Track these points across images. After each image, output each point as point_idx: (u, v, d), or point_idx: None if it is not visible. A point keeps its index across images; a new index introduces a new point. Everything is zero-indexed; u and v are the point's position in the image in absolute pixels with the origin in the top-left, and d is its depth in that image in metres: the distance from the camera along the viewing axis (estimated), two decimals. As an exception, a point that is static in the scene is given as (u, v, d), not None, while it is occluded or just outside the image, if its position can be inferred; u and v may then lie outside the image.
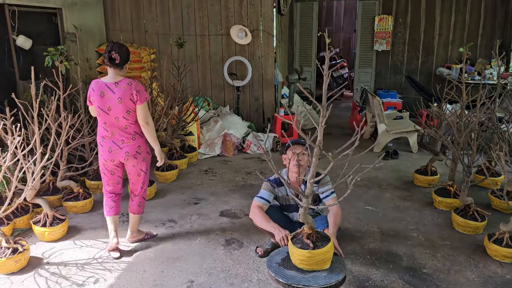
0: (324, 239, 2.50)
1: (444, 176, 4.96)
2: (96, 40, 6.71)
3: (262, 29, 6.71)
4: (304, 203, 2.46)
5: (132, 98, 3.06)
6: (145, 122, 3.13)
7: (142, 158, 3.27)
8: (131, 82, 3.09)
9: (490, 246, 3.22)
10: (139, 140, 3.22)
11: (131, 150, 3.18)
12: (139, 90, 3.08)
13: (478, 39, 8.67)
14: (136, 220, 3.44)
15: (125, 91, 3.05)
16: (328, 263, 2.47)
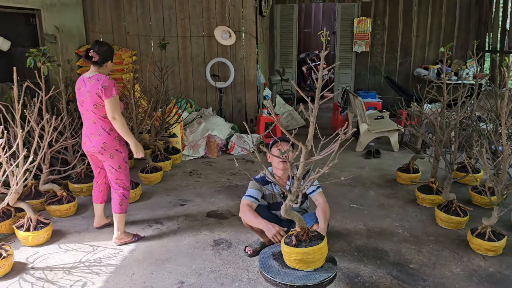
0: (317, 239, 2.50)
1: (425, 174, 5.07)
2: (76, 42, 6.60)
3: (244, 30, 6.73)
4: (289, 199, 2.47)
5: (98, 93, 3.14)
6: (112, 117, 3.17)
7: (109, 155, 3.29)
8: (100, 77, 3.18)
9: (473, 240, 3.31)
10: (105, 137, 3.26)
11: (96, 145, 3.28)
12: (105, 85, 3.13)
13: (454, 41, 8.92)
14: (119, 220, 3.42)
15: (93, 85, 3.16)
16: (321, 262, 2.46)
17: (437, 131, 3.73)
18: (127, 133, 3.24)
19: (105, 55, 3.22)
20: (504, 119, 3.12)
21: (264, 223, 2.82)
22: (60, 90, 4.31)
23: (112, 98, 3.15)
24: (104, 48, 3.23)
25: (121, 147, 3.34)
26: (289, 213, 2.50)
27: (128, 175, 3.47)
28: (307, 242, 2.47)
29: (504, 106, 3.13)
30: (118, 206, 3.40)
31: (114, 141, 3.29)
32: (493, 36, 8.13)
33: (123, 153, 3.35)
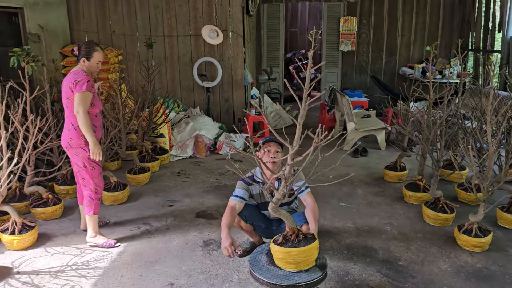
0: (308, 240, 2.48)
1: (412, 171, 5.12)
2: (60, 41, 6.49)
3: (231, 30, 6.71)
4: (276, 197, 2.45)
5: (71, 86, 3.15)
6: (76, 111, 3.14)
7: (74, 152, 3.27)
8: (78, 72, 3.20)
9: (460, 237, 3.36)
10: (73, 133, 3.23)
11: (64, 140, 3.29)
12: (77, 80, 3.13)
13: (438, 40, 9.02)
14: (88, 221, 3.39)
15: (67, 79, 3.20)
16: (305, 265, 2.42)
17: (424, 130, 3.76)
18: (87, 130, 3.17)
19: (81, 50, 3.26)
20: (489, 117, 3.17)
21: (222, 234, 2.74)
22: (44, 90, 4.23)
23: (81, 93, 3.12)
24: (83, 44, 3.30)
25: (87, 146, 3.26)
26: (277, 211, 2.49)
27: (96, 176, 3.36)
28: (294, 242, 2.44)
29: (489, 104, 3.17)
30: (86, 207, 3.38)
31: (81, 138, 3.23)
32: (475, 36, 8.26)
33: (88, 152, 3.26)
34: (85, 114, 3.13)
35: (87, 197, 3.36)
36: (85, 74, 3.20)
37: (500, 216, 3.78)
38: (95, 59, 3.27)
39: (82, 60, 3.25)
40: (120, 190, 4.22)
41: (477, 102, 4.48)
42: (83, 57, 3.25)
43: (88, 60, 3.25)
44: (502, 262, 3.16)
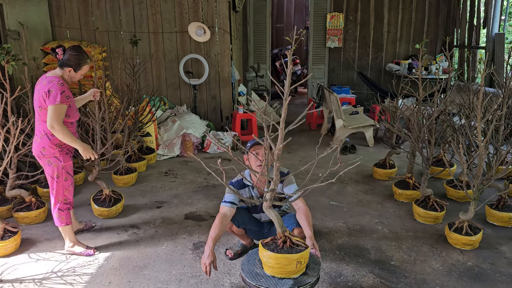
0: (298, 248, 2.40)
1: (401, 168, 5.13)
2: (41, 38, 6.30)
3: (217, 26, 6.61)
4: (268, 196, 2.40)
5: (44, 96, 2.92)
6: (50, 127, 2.92)
7: (47, 162, 3.07)
8: (51, 80, 2.95)
9: (451, 235, 3.36)
10: (45, 142, 3.03)
11: (36, 149, 3.08)
12: (51, 90, 2.90)
13: (424, 36, 9.08)
14: (62, 232, 3.23)
15: (41, 87, 2.96)
16: (288, 274, 2.33)
17: (414, 128, 3.75)
18: (70, 140, 2.99)
19: (70, 59, 2.99)
20: (479, 116, 3.16)
21: (206, 247, 2.65)
22: (26, 90, 4.09)
23: (55, 106, 2.88)
24: (73, 52, 3.01)
25: (61, 156, 3.07)
26: (270, 211, 2.43)
27: (67, 187, 3.16)
28: (278, 248, 2.37)
29: (479, 102, 3.16)
30: (56, 219, 3.18)
31: (55, 148, 3.04)
32: (460, 32, 8.32)
33: (63, 162, 3.08)
34: (61, 126, 2.92)
35: (56, 210, 3.15)
36: (61, 83, 2.95)
37: (489, 213, 3.80)
38: (82, 72, 3.08)
39: (67, 70, 3.01)
40: (113, 206, 3.85)
41: (465, 99, 4.49)
42: (70, 68, 3.00)
43: (75, 71, 3.04)
44: (493, 260, 3.17)
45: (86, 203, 4.20)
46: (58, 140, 3.01)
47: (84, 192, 4.52)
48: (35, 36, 6.10)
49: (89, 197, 3.99)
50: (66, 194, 3.17)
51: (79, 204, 4.18)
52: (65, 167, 3.11)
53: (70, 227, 3.24)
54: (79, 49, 3.07)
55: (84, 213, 3.98)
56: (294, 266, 2.31)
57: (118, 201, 3.92)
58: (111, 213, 3.85)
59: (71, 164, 3.17)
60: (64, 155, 3.10)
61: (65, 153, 3.11)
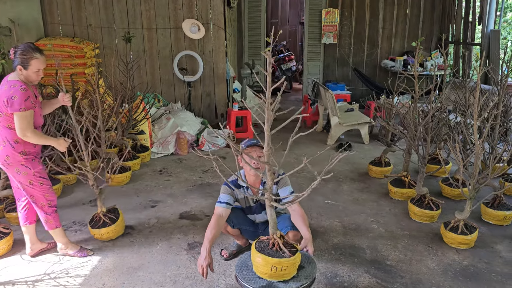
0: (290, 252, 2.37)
1: (396, 166, 5.13)
2: (33, 35, 6.22)
3: (212, 22, 6.55)
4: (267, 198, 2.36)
5: (5, 102, 2.73)
6: (22, 135, 2.78)
7: (15, 171, 2.88)
8: (13, 85, 2.75)
9: (446, 234, 3.35)
10: (8, 150, 2.84)
11: (0, 157, 2.88)
12: (14, 96, 2.71)
13: (419, 32, 9.05)
14: (54, 236, 3.18)
15: (2, 92, 2.76)
16: (291, 274, 2.33)
17: (411, 126, 3.73)
18: (45, 140, 2.91)
19: (17, 56, 2.78)
20: (476, 114, 3.14)
21: (203, 249, 2.62)
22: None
23: (21, 113, 2.73)
24: (20, 49, 2.79)
25: (28, 163, 2.90)
26: (271, 210, 2.39)
27: (47, 190, 3.02)
28: (267, 248, 2.34)
29: (476, 101, 3.15)
30: (46, 224, 3.11)
31: (20, 155, 2.86)
32: (456, 28, 8.31)
33: (32, 169, 2.91)
34: (33, 133, 2.80)
35: (43, 215, 3.05)
36: (24, 89, 2.75)
37: (484, 211, 3.80)
38: (33, 68, 2.79)
39: (18, 69, 2.78)
40: (108, 226, 3.38)
41: (461, 96, 4.48)
42: (19, 65, 2.78)
43: (25, 69, 2.78)
44: (488, 259, 3.17)
45: (80, 203, 4.16)
46: (22, 147, 2.86)
47: (77, 191, 4.47)
48: (26, 32, 6.02)
49: (82, 197, 3.96)
50: (48, 198, 3.04)
51: (72, 204, 4.14)
52: (36, 173, 2.95)
53: (60, 230, 3.16)
54: (27, 44, 2.83)
55: (77, 213, 3.94)
56: (268, 269, 2.28)
57: (114, 221, 3.42)
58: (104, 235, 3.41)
59: (41, 168, 3.00)
60: (31, 161, 2.93)
61: (31, 160, 2.93)
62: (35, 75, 2.82)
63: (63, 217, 3.84)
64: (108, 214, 3.41)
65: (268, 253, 2.31)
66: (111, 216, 3.41)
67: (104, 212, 3.41)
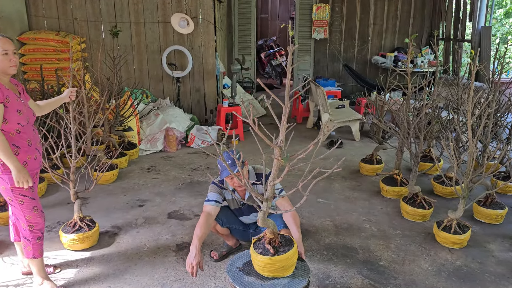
0: (287, 244, 2.36)
1: (387, 163, 5.08)
2: (17, 28, 6.02)
3: (201, 17, 6.43)
4: (264, 207, 2.30)
5: None
6: None
7: None
8: None
9: (439, 234, 3.31)
10: None
11: None
12: None
13: (409, 29, 9.04)
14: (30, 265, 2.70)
15: None
16: (291, 270, 2.33)
17: (404, 124, 3.68)
18: (4, 155, 2.34)
19: None
20: (469, 113, 3.10)
21: (192, 247, 2.53)
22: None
23: None
24: None
25: (4, 174, 2.43)
26: (266, 222, 2.32)
27: (28, 212, 2.54)
28: (276, 249, 2.30)
29: (470, 99, 3.10)
30: (23, 249, 2.65)
31: None
32: (446, 25, 8.29)
33: (9, 183, 2.44)
34: None
35: (23, 238, 2.61)
36: None
37: (476, 210, 3.77)
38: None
39: None
40: (84, 232, 3.16)
41: (454, 94, 4.44)
42: None
43: None
44: (481, 259, 3.14)
45: (65, 202, 4.04)
46: None
47: (62, 190, 4.33)
48: (9, 26, 5.82)
49: (67, 196, 3.80)
50: (29, 220, 2.56)
51: (57, 203, 4.02)
52: (15, 189, 2.46)
53: (39, 261, 2.66)
54: None
55: (62, 212, 3.82)
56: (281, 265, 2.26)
57: (91, 227, 3.21)
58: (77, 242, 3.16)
59: None
60: (8, 174, 2.43)
61: (9, 172, 2.42)
62: (5, 60, 2.39)
63: (46, 217, 3.72)
64: (85, 221, 3.25)
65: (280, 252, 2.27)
66: (88, 223, 3.24)
67: (81, 217, 3.24)
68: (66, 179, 3.22)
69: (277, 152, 2.13)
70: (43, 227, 2.66)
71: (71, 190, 3.22)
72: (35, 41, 5.95)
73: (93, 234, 3.22)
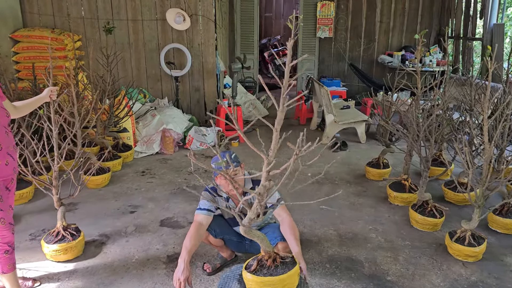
0: (287, 264, 2.09)
1: (395, 168, 4.82)
2: (10, 25, 5.82)
3: (201, 14, 6.20)
4: (247, 218, 2.04)
5: None
6: None
7: None
8: None
9: (452, 246, 3.05)
10: None
11: None
12: None
13: (417, 27, 8.75)
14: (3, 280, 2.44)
15: None
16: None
17: (413, 125, 3.41)
18: None
19: None
20: (485, 115, 2.84)
21: (180, 260, 2.32)
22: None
23: None
24: None
25: None
26: (250, 233, 2.09)
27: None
28: (271, 269, 2.06)
29: (486, 100, 2.84)
30: None
31: None
32: (456, 22, 8.00)
33: None
34: None
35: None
36: None
37: (491, 219, 3.50)
38: None
39: None
40: (67, 242, 2.93)
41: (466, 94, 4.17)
42: None
43: None
44: (498, 274, 2.87)
45: (52, 207, 3.78)
46: None
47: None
48: (3, 23, 5.62)
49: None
50: None
51: (43, 209, 3.79)
52: None
53: (10, 276, 2.41)
54: None
55: (48, 219, 3.57)
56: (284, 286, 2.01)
57: (76, 237, 2.98)
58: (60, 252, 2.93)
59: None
60: None
61: None
62: None
63: (32, 224, 3.52)
64: (69, 230, 3.01)
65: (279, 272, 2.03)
66: (72, 232, 3.01)
67: (65, 226, 3.01)
68: (48, 184, 2.99)
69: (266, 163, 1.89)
70: (12, 240, 2.41)
71: (54, 196, 3.00)
72: (29, 38, 5.75)
73: (77, 244, 2.99)
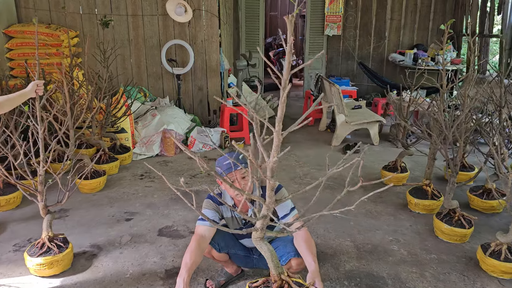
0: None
1: (413, 171, 4.48)
2: (4, 21, 5.52)
3: (204, 9, 5.88)
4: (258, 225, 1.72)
5: None
6: None
7: None
8: None
9: (486, 261, 2.70)
10: None
11: None
12: None
13: (430, 24, 8.41)
14: None
15: None
16: None
17: (443, 127, 3.07)
18: None
19: None
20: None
21: (179, 280, 2.00)
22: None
23: None
24: None
25: None
26: (260, 243, 1.76)
27: None
28: None
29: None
30: None
31: None
32: (471, 19, 7.65)
33: None
34: None
35: None
36: None
37: (526, 229, 3.14)
38: None
39: None
40: (53, 254, 2.62)
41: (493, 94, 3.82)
42: None
43: None
44: (541, 294, 2.53)
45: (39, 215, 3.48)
46: None
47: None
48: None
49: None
50: None
51: (30, 217, 3.47)
52: None
53: None
54: None
55: (35, 228, 3.25)
56: None
57: (63, 249, 2.67)
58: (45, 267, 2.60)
59: None
60: None
61: None
62: None
63: (17, 233, 3.20)
64: (56, 241, 2.69)
65: None
66: (59, 244, 2.69)
67: (51, 236, 2.69)
68: (33, 190, 2.68)
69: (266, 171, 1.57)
70: None
71: (39, 203, 2.68)
72: (23, 34, 5.45)
73: (64, 257, 2.66)
